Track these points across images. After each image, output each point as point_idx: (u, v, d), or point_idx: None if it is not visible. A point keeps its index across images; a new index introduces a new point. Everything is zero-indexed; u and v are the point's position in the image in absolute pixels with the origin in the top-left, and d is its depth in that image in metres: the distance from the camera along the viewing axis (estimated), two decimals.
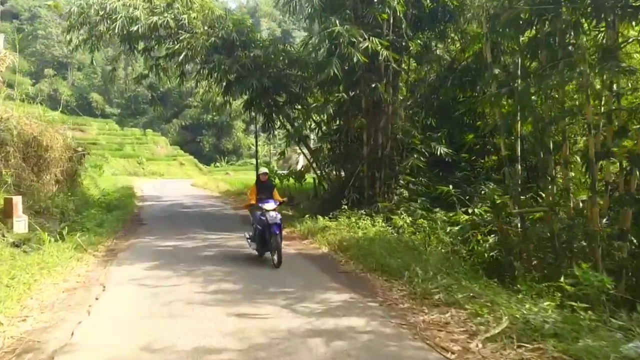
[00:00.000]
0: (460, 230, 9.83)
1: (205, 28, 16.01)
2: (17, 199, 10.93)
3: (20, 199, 11.08)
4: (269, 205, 8.91)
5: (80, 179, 18.08)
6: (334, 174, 17.05)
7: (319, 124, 17.29)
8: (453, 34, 15.40)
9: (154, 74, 18.19)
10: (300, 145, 18.57)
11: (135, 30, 15.08)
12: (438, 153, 13.86)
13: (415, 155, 14.01)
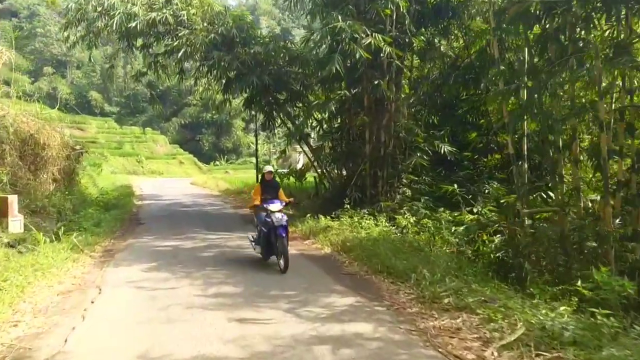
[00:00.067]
0: (466, 231, 9.62)
1: (205, 24, 15.79)
2: (13, 198, 10.74)
3: (15, 198, 10.88)
4: (275, 206, 8.43)
5: (78, 178, 17.87)
6: (336, 173, 16.82)
7: (320, 122, 17.06)
8: (456, 31, 15.16)
9: (153, 71, 17.97)
10: (301, 144, 18.34)
11: (134, 26, 14.82)
12: (442, 151, 13.67)
13: (419, 154, 13.83)
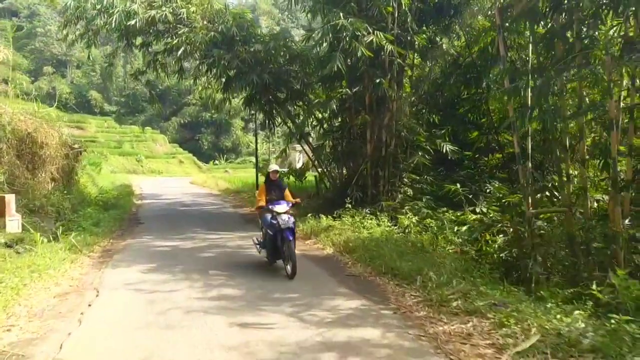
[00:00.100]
0: (469, 231, 9.46)
1: (205, 22, 15.62)
2: (10, 197, 10.60)
3: (13, 197, 10.74)
4: (281, 208, 7.96)
5: (77, 177, 17.68)
6: (336, 172, 16.66)
7: (320, 121, 16.88)
8: (459, 29, 14.99)
9: (152, 69, 17.78)
10: (302, 143, 18.18)
11: (133, 24, 14.63)
12: (444, 151, 13.52)
13: (420, 153, 13.67)
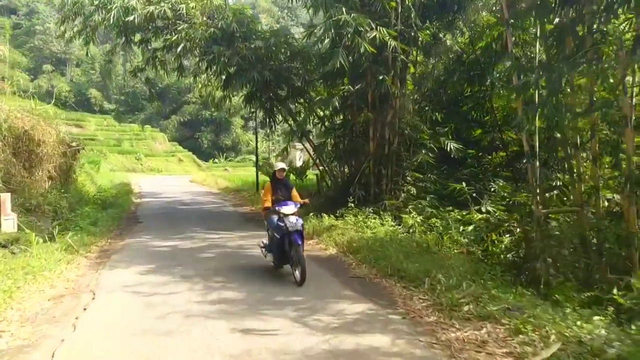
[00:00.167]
0: (475, 230, 9.23)
1: (204, 18, 15.42)
2: (6, 196, 10.36)
3: (9, 196, 10.49)
4: (288, 209, 7.44)
5: (74, 175, 17.43)
6: (338, 170, 16.41)
7: (322, 119, 16.63)
8: (462, 25, 14.74)
9: (152, 66, 17.54)
10: (303, 141, 17.93)
11: (131, 20, 14.45)
12: (448, 149, 13.27)
13: (424, 151, 13.41)
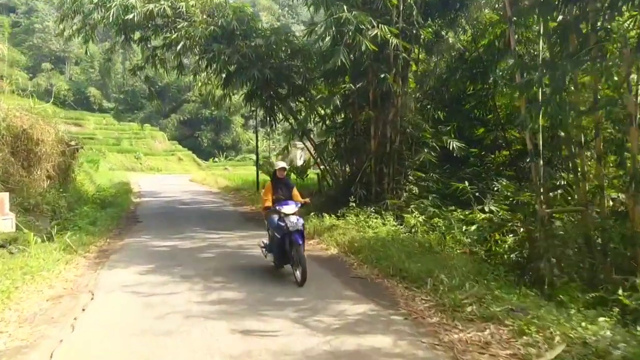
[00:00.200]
0: (478, 230, 9.16)
1: (204, 16, 15.31)
2: (4, 195, 10.29)
3: (7, 195, 10.42)
4: (289, 208, 7.37)
5: (73, 175, 17.35)
6: (339, 169, 16.32)
7: (323, 117, 16.55)
8: (465, 23, 14.65)
9: (151, 65, 17.45)
10: (303, 140, 17.84)
11: (131, 18, 14.30)
12: (450, 147, 13.18)
13: (426, 150, 13.33)
